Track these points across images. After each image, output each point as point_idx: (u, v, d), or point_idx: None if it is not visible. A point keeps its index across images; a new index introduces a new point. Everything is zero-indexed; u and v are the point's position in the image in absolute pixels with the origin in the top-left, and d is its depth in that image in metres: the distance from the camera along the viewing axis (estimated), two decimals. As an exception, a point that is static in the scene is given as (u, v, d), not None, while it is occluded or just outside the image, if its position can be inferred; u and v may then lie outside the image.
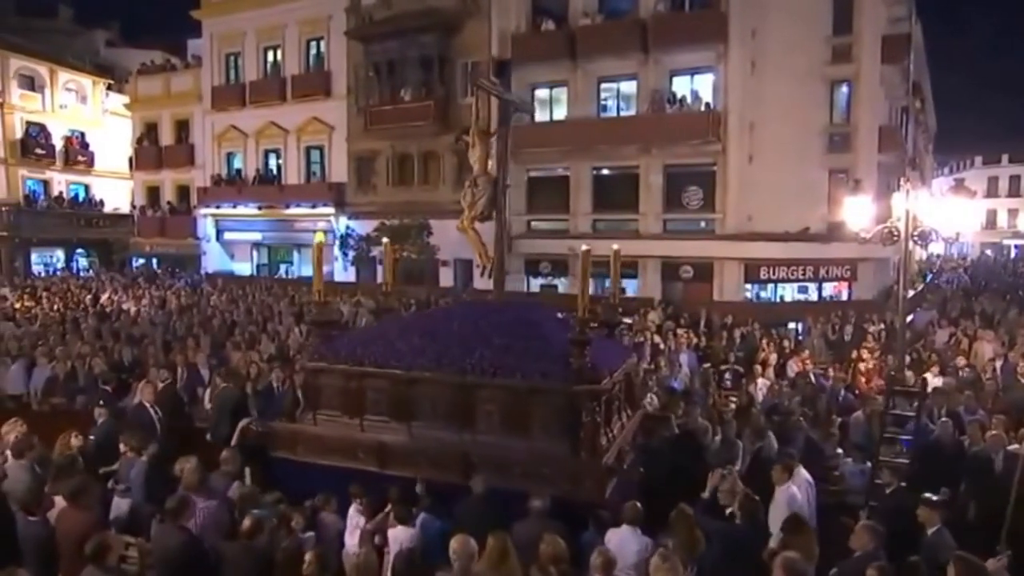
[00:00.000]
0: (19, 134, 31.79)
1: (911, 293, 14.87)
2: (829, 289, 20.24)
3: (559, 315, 8.72)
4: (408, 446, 6.57)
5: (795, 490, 6.06)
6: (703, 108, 19.60)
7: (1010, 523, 5.85)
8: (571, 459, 6.13)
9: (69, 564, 4.96)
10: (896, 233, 10.48)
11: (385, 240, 9.84)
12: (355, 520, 5.86)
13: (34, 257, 32.50)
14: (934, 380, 10.16)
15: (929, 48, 30.61)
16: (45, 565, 5.05)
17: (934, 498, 5.58)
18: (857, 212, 11.13)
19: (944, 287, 27.35)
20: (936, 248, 38.78)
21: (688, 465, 7.05)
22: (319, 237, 8.02)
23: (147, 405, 8.26)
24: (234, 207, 28.35)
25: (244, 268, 28.78)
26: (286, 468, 6.81)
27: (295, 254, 28.20)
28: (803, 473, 6.43)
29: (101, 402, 8.37)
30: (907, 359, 11.38)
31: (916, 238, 10.64)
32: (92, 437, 7.34)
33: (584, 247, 6.53)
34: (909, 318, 13.90)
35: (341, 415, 6.95)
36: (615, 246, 8.65)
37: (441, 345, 6.80)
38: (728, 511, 5.55)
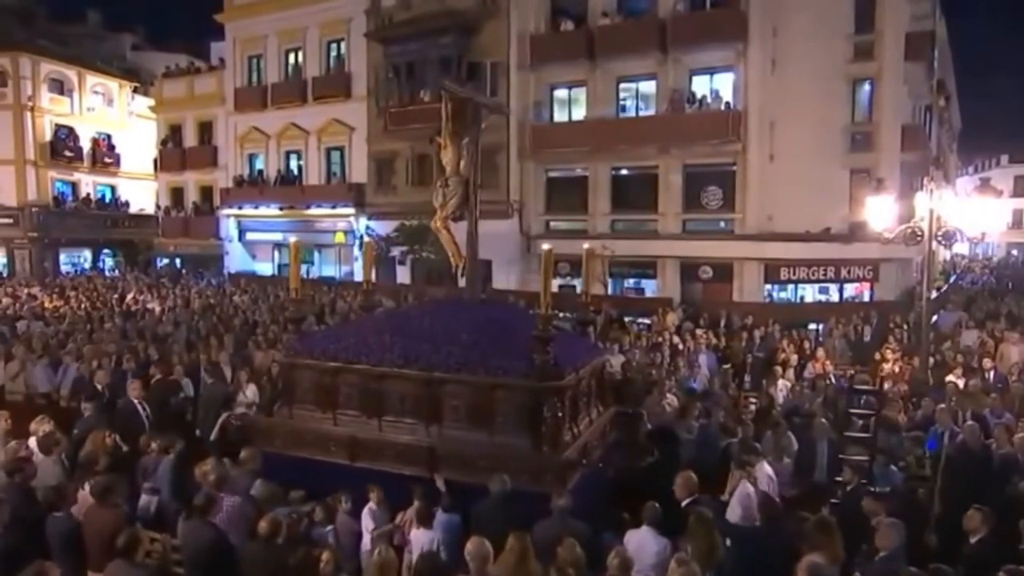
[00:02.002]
0: (48, 136, 32.48)
1: (934, 294, 14.66)
2: (850, 290, 20.02)
3: (529, 313, 8.80)
4: (377, 440, 6.73)
5: (750, 489, 6.16)
6: (723, 107, 19.48)
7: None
8: (533, 453, 6.23)
9: (97, 560, 5.08)
10: (919, 233, 10.38)
11: (367, 240, 10.02)
12: (368, 521, 5.93)
13: (62, 257, 33.25)
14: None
15: (954, 45, 30.15)
16: (72, 559, 5.17)
17: (882, 490, 5.81)
18: (880, 212, 11.03)
19: (968, 288, 26.90)
20: (961, 248, 38.16)
21: (662, 461, 7.14)
22: (294, 239, 8.29)
23: (135, 400, 8.55)
24: (256, 208, 28.70)
25: (266, 268, 29.11)
26: (299, 464, 6.88)
27: (316, 254, 28.47)
28: (765, 469, 6.60)
29: (86, 397, 8.69)
30: (931, 361, 11.26)
31: (940, 238, 10.53)
32: (76, 431, 7.57)
33: (546, 246, 6.65)
34: (933, 319, 13.72)
35: (315, 409, 7.11)
36: (586, 245, 8.81)
37: (411, 341, 6.93)
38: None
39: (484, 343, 6.74)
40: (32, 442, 6.75)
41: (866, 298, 19.38)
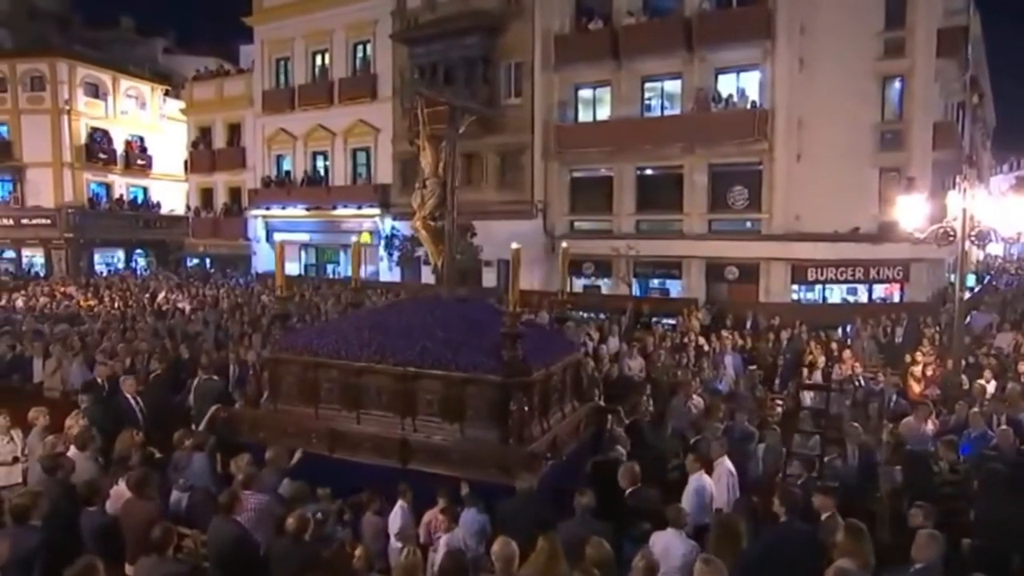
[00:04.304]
0: (84, 139, 33.24)
1: (966, 295, 14.36)
2: (880, 291, 19.68)
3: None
4: (355, 432, 6.93)
5: (706, 481, 6.25)
6: (749, 106, 19.28)
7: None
8: (500, 446, 6.41)
9: (134, 552, 5.20)
10: (952, 233, 10.19)
11: (355, 239, 10.21)
12: (396, 521, 5.97)
13: (96, 257, 34.01)
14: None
15: (988, 41, 29.40)
16: (106, 553, 5.28)
17: (829, 485, 5.93)
18: (910, 211, 10.84)
19: (1004, 289, 26.28)
20: (995, 248, 37.28)
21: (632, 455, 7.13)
22: (280, 240, 8.44)
23: (129, 397, 8.76)
24: (283, 208, 29.10)
25: (292, 268, 29.41)
26: (326, 463, 6.96)
27: (341, 254, 28.78)
28: (726, 463, 6.67)
29: (83, 388, 8.97)
30: (963, 363, 11.04)
31: (973, 238, 10.33)
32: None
33: (515, 246, 6.80)
34: (966, 321, 13.44)
35: (299, 403, 7.34)
36: (565, 244, 8.83)
37: (387, 338, 7.12)
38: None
39: (457, 339, 6.93)
40: (68, 437, 6.95)
41: (896, 299, 19.05)
